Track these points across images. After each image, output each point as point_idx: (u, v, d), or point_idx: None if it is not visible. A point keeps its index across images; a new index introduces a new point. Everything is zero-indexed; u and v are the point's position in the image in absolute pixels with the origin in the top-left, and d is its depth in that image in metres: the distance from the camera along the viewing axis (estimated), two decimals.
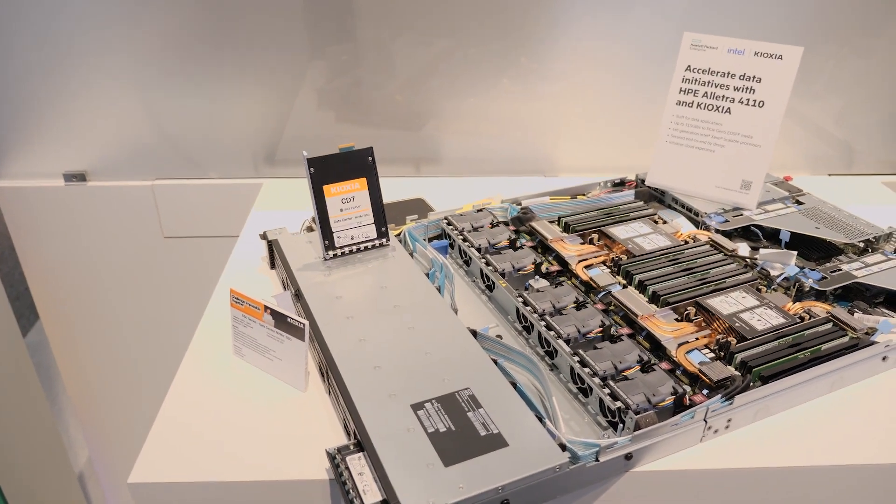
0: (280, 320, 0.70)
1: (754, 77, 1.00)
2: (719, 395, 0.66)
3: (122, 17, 1.14)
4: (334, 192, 0.84)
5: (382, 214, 0.88)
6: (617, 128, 1.31)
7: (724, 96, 1.03)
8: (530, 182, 1.27)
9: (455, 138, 1.32)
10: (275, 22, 1.18)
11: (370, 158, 0.86)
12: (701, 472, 0.65)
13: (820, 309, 0.82)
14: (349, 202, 0.85)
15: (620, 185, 1.14)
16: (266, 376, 0.74)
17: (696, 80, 1.04)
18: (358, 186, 0.85)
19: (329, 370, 0.68)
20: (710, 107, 1.04)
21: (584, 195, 1.10)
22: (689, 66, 1.05)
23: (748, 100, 1.01)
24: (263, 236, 0.93)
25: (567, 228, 0.98)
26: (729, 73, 1.02)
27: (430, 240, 1.00)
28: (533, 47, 1.23)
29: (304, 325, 0.68)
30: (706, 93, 1.04)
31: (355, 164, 0.85)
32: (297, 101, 1.26)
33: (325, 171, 0.83)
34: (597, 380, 0.68)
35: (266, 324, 0.72)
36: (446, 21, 1.20)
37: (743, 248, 0.95)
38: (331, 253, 0.86)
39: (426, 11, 1.19)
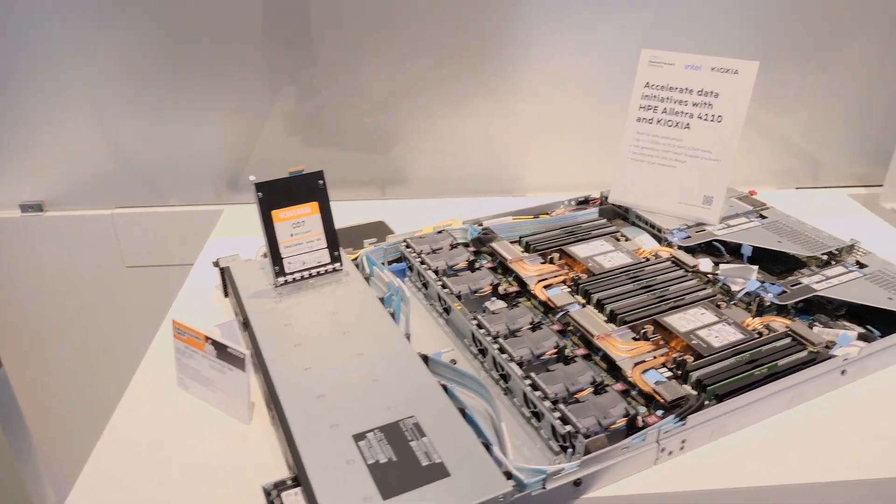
0: (221, 350, 0.68)
1: (712, 92, 1.00)
2: (672, 416, 0.65)
3: (79, 44, 1.13)
4: (284, 217, 0.83)
5: (335, 239, 0.86)
6: (585, 145, 1.30)
7: (682, 112, 1.02)
8: (498, 202, 1.25)
9: (423, 159, 1.30)
10: (239, 46, 1.17)
11: (321, 182, 0.84)
12: (655, 496, 0.63)
13: (779, 324, 0.81)
14: (300, 227, 0.84)
15: (585, 202, 1.13)
16: (210, 409, 0.72)
17: (655, 96, 1.04)
18: (309, 211, 0.84)
19: (271, 400, 0.66)
20: (670, 122, 1.03)
21: (547, 214, 1.09)
22: (647, 82, 1.04)
23: (707, 115, 1.01)
24: (216, 264, 0.91)
25: (528, 248, 0.97)
26: (687, 88, 1.02)
27: (391, 263, 0.99)
28: (504, 66, 1.22)
29: (244, 354, 0.67)
30: (665, 109, 1.04)
31: (306, 188, 0.84)
32: (265, 125, 1.25)
33: (274, 195, 0.82)
34: (547, 403, 0.66)
35: (208, 354, 0.70)
36: (418, 42, 1.20)
37: (705, 264, 0.94)
38: (281, 279, 0.84)
39: (397, 33, 1.19)
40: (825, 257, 0.96)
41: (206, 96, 1.20)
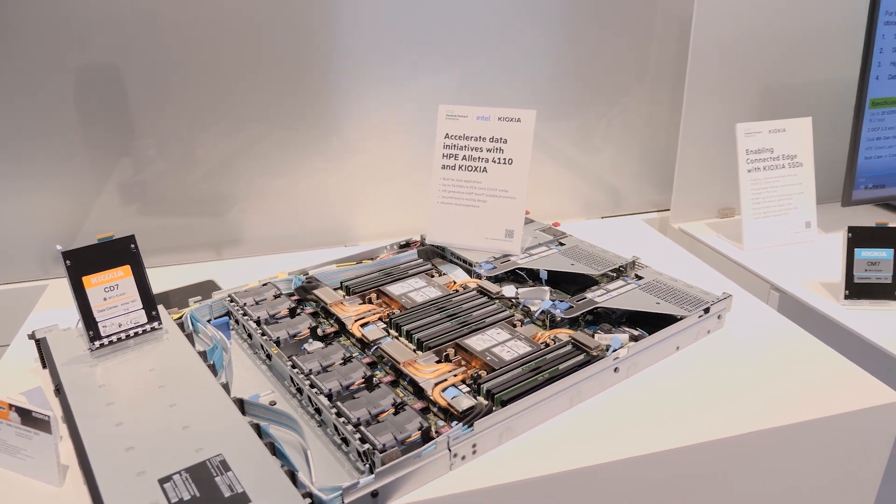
0: (26, 416, 0.69)
1: (501, 139, 1.13)
2: (460, 424, 0.72)
3: None
4: (96, 283, 0.85)
5: (151, 299, 0.89)
6: (410, 192, 1.40)
7: (479, 157, 1.14)
8: (332, 253, 1.32)
9: (259, 219, 1.35)
10: (57, 120, 1.18)
11: (133, 245, 0.88)
12: (449, 497, 0.69)
13: (565, 335, 0.91)
14: (113, 290, 0.86)
15: (406, 245, 1.22)
16: (22, 478, 0.72)
17: (454, 145, 1.15)
18: (121, 274, 0.87)
19: (79, 457, 0.68)
20: (470, 168, 1.15)
21: (371, 259, 1.17)
22: (447, 133, 1.16)
23: (499, 158, 1.13)
24: (31, 336, 0.91)
25: (348, 291, 1.03)
26: (480, 137, 1.14)
27: (217, 318, 1.02)
28: (333, 123, 1.31)
29: (48, 416, 0.68)
30: (465, 156, 1.15)
31: (117, 253, 0.87)
32: (99, 196, 1.26)
33: (84, 262, 0.84)
34: (350, 427, 0.72)
35: (13, 422, 0.70)
36: (249, 109, 1.26)
37: (508, 290, 1.04)
38: (97, 343, 0.85)
39: (228, 102, 1.24)
40: (614, 274, 1.09)
41: (25, 174, 1.20)
